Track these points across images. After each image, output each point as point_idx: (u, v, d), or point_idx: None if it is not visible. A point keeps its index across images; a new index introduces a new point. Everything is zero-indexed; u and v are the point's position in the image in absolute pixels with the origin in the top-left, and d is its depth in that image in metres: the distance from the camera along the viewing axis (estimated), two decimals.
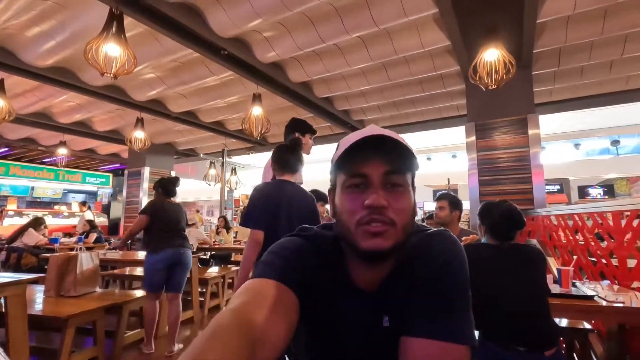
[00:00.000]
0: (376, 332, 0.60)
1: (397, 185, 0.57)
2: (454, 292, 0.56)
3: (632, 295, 1.66)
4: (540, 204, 3.62)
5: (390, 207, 0.55)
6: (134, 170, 7.76)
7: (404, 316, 0.57)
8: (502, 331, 1.29)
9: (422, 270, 0.58)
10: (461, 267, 0.59)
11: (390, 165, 0.56)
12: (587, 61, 3.79)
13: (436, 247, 0.60)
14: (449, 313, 0.54)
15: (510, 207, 1.50)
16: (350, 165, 0.58)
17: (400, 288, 0.60)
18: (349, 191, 0.58)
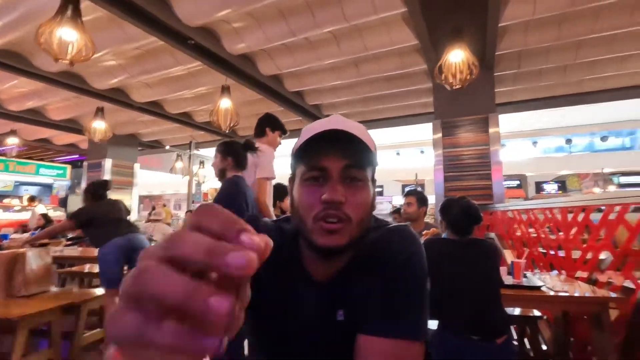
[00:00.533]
0: (329, 325, 0.59)
1: (356, 180, 0.56)
2: (412, 289, 0.57)
3: (576, 285, 1.80)
4: (499, 199, 3.81)
5: (347, 203, 0.54)
6: (94, 162, 7.36)
7: (359, 311, 0.57)
8: (458, 321, 1.36)
9: (380, 266, 0.58)
10: (420, 264, 0.59)
11: (350, 160, 0.55)
12: (545, 64, 4.03)
13: (395, 244, 0.60)
14: (406, 311, 0.56)
15: (468, 204, 1.57)
16: (309, 157, 0.57)
17: (357, 282, 0.59)
18: (307, 184, 0.57)
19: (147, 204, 16.31)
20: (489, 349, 1.29)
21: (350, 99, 5.25)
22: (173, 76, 4.49)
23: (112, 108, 5.36)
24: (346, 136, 0.55)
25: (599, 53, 3.71)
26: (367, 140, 0.58)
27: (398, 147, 13.68)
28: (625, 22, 3.10)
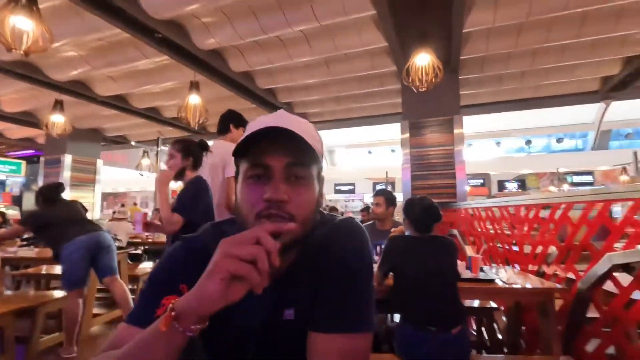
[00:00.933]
0: (278, 325, 0.59)
1: (300, 178, 0.55)
2: (359, 283, 0.60)
3: (527, 277, 1.94)
4: (462, 198, 4.00)
5: (290, 201, 0.53)
6: (52, 158, 6.96)
7: (310, 309, 0.58)
8: (417, 313, 1.44)
9: (328, 263, 0.59)
10: (366, 257, 0.61)
11: (293, 157, 0.54)
12: (505, 70, 4.25)
13: (342, 239, 0.61)
14: (354, 305, 0.58)
15: (429, 203, 1.65)
16: (252, 154, 0.55)
17: (305, 280, 0.59)
18: (250, 182, 0.55)
19: (110, 202, 15.63)
20: (445, 339, 1.38)
21: (322, 97, 5.29)
22: (139, 70, 4.34)
23: (72, 101, 5.10)
24: (290, 133, 0.53)
25: (552, 61, 3.97)
26: (313, 137, 0.57)
27: (370, 146, 13.95)
28: (574, 34, 3.35)
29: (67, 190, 6.85)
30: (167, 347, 0.44)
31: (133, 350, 0.46)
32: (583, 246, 1.67)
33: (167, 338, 0.44)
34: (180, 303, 0.44)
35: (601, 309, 1.51)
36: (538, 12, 2.98)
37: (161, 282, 0.58)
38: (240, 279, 0.43)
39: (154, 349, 0.45)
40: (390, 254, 1.60)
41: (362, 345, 0.57)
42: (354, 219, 0.68)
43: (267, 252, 0.43)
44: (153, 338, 0.45)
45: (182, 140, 2.13)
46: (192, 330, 0.44)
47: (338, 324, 0.56)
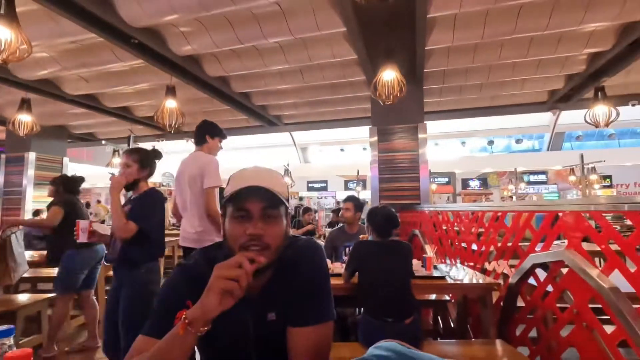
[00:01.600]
0: (262, 326, 0.80)
1: (272, 217, 0.77)
2: (321, 285, 0.85)
3: (473, 273, 2.26)
4: (425, 199, 4.34)
5: (266, 234, 0.75)
6: (15, 156, 6.69)
7: (288, 310, 0.81)
8: (376, 306, 1.69)
9: (296, 275, 0.82)
10: (323, 266, 0.87)
11: (266, 202, 0.76)
12: (464, 82, 4.63)
13: (305, 256, 0.86)
14: (319, 302, 0.83)
15: (389, 212, 1.91)
16: (237, 201, 0.77)
17: (281, 289, 0.82)
18: (235, 221, 0.77)
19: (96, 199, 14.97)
20: (399, 328, 1.64)
21: (296, 101, 5.48)
22: (113, 71, 4.33)
23: (38, 99, 4.97)
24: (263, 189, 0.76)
25: (505, 75, 4.38)
26: (281, 185, 0.81)
27: (342, 144, 14.28)
28: (522, 54, 3.74)
29: (31, 189, 6.64)
30: (184, 345, 0.66)
31: (159, 351, 0.66)
32: (514, 248, 1.99)
33: (184, 339, 0.65)
34: (190, 313, 0.65)
35: (526, 299, 1.84)
36: (491, 35, 3.32)
37: (169, 301, 0.79)
38: (229, 293, 0.64)
39: (175, 348, 0.66)
40: (356, 257, 1.85)
41: (327, 331, 0.82)
42: (311, 239, 0.92)
43: (246, 273, 0.65)
44: (173, 340, 0.66)
45: (138, 150, 2.12)
46: (201, 332, 0.66)
47: (309, 319, 0.81)
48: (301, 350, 0.79)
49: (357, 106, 5.65)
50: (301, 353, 0.78)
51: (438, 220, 3.18)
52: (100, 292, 3.55)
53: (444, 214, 3.10)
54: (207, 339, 0.82)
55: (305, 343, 0.79)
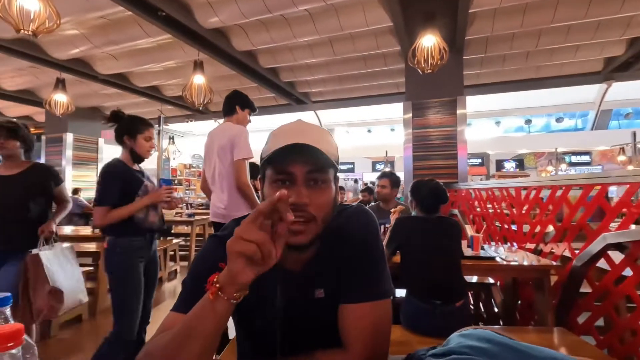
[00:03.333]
0: (308, 305, 0.70)
1: (319, 182, 0.63)
2: (377, 258, 0.71)
3: (524, 255, 2.05)
4: (463, 178, 4.09)
5: (311, 204, 0.61)
6: (54, 137, 6.95)
7: (338, 287, 0.69)
8: (423, 288, 1.55)
9: (347, 246, 0.70)
10: (376, 238, 0.74)
11: (312, 165, 0.62)
12: (509, 50, 4.24)
13: (357, 225, 0.73)
14: (376, 277, 0.70)
15: (436, 185, 1.73)
16: (277, 163, 0.63)
17: (330, 263, 0.70)
18: (275, 186, 0.63)
19: None
20: (449, 311, 1.49)
21: (325, 76, 5.27)
22: (141, 48, 4.30)
23: (72, 79, 5.06)
24: (309, 146, 0.61)
25: (557, 42, 3.96)
26: (329, 144, 0.66)
27: (369, 125, 13.90)
28: (580, 14, 3.33)
29: (70, 169, 6.91)
30: (216, 315, 0.53)
31: (188, 322, 0.55)
32: (580, 226, 1.77)
33: (215, 306, 0.53)
34: (222, 276, 0.53)
35: (594, 284, 1.63)
36: None
37: (201, 274, 0.64)
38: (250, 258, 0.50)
39: (206, 317, 0.54)
40: (398, 234, 1.70)
41: (386, 308, 0.69)
42: (362, 206, 0.78)
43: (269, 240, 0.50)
44: (204, 308, 0.54)
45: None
46: (234, 298, 0.53)
47: (367, 294, 0.68)
48: (357, 330, 0.66)
49: (389, 81, 5.36)
50: (356, 334, 0.66)
51: (481, 199, 2.95)
52: None
53: (488, 191, 2.86)
54: (245, 317, 0.71)
55: (362, 322, 0.66)
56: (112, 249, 1.79)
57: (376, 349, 0.65)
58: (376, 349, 0.65)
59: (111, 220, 1.76)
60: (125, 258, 1.79)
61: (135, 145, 1.91)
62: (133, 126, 1.92)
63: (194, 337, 0.53)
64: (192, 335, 0.53)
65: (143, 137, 1.93)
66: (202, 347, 0.54)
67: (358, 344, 0.64)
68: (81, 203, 6.19)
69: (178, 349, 0.53)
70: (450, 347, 0.49)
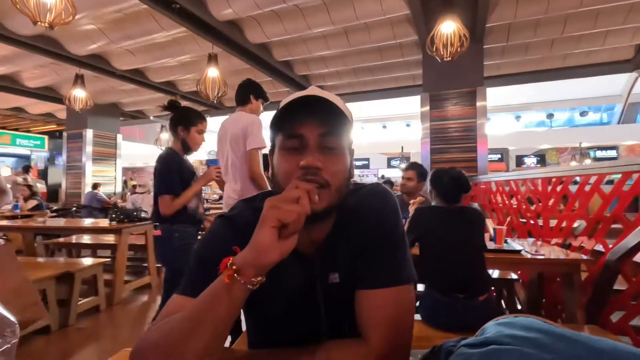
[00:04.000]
0: (323, 290, 0.63)
1: (333, 148, 0.58)
2: (398, 240, 0.64)
3: (551, 249, 1.94)
4: (482, 172, 3.95)
5: (325, 169, 0.56)
6: (74, 133, 7.13)
7: (354, 271, 0.62)
8: (444, 281, 1.47)
9: (367, 226, 0.63)
10: (397, 219, 0.66)
11: (326, 128, 0.57)
12: (532, 38, 4.05)
13: (376, 203, 0.66)
14: (399, 260, 0.62)
15: (458, 174, 1.64)
16: (286, 126, 0.58)
17: (345, 245, 0.63)
18: (285, 152, 0.59)
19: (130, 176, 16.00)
20: (472, 306, 1.41)
21: (339, 69, 5.19)
22: (156, 43, 4.31)
23: (91, 76, 5.15)
24: (322, 105, 0.57)
25: (585, 27, 3.75)
26: (344, 110, 0.60)
27: (384, 120, 13.71)
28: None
29: (90, 165, 7.07)
30: (230, 300, 0.48)
31: (200, 306, 0.49)
32: (615, 218, 1.64)
33: (230, 291, 0.48)
34: (239, 258, 0.48)
35: (630, 280, 1.51)
36: None
37: (210, 256, 0.59)
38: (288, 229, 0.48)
39: (219, 302, 0.48)
40: (418, 225, 1.62)
41: (408, 294, 0.62)
42: (380, 184, 0.71)
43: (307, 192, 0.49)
44: (217, 292, 0.49)
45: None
46: (252, 283, 0.48)
47: (387, 279, 0.61)
48: (375, 319, 0.59)
49: (405, 73, 5.23)
50: (375, 324, 0.59)
51: (503, 192, 2.83)
52: (150, 261, 3.65)
53: (511, 184, 2.74)
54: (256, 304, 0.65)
55: (381, 310, 0.59)
56: (168, 236, 1.87)
57: (397, 340, 0.59)
58: (397, 340, 0.58)
59: (177, 208, 1.85)
60: (183, 244, 1.88)
61: (187, 137, 1.96)
62: (188, 118, 1.97)
63: (205, 324, 0.48)
64: (202, 322, 0.48)
65: (196, 130, 1.98)
66: (213, 334, 0.49)
67: (377, 334, 0.58)
68: (100, 197, 6.32)
69: (186, 335, 0.48)
70: (487, 336, 0.42)
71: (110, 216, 3.33)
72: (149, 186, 5.03)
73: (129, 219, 3.30)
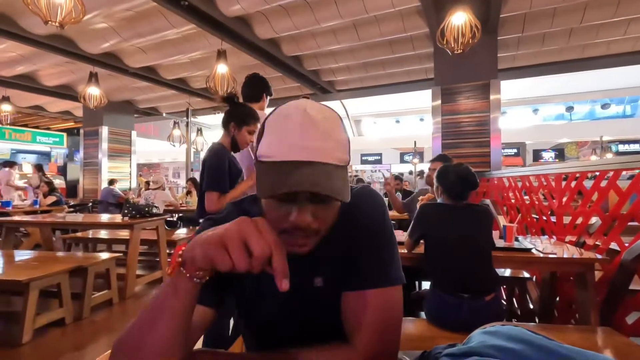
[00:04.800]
0: (307, 293, 0.62)
1: (325, 200, 0.52)
2: (388, 241, 0.62)
3: (565, 248, 1.87)
4: (496, 167, 3.85)
5: (316, 219, 0.52)
6: (91, 130, 7.30)
7: (339, 274, 0.61)
8: (450, 280, 1.43)
9: (351, 229, 0.61)
10: (384, 219, 0.64)
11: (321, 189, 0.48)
12: (549, 28, 3.91)
13: (365, 205, 0.64)
14: (383, 263, 0.61)
15: (466, 171, 1.60)
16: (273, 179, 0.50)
17: (333, 249, 0.61)
18: (272, 202, 0.53)
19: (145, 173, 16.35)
20: (478, 305, 1.38)
21: (350, 63, 5.13)
22: (167, 40, 4.36)
23: (105, 74, 5.24)
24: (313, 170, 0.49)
25: (605, 16, 3.59)
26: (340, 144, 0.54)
27: (397, 115, 13.55)
28: None
29: (106, 161, 7.23)
30: (176, 293, 0.47)
31: (153, 301, 0.50)
32: (632, 215, 1.57)
33: (176, 284, 0.47)
34: (187, 251, 0.46)
35: None
36: None
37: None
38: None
39: (165, 297, 0.48)
40: (422, 222, 1.59)
41: (396, 296, 0.60)
42: (368, 186, 0.69)
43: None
44: (165, 286, 0.49)
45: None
46: (197, 276, 0.46)
47: (374, 280, 0.59)
48: (363, 320, 0.57)
49: (417, 66, 5.13)
50: (362, 326, 0.57)
51: (516, 188, 2.75)
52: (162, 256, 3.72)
53: (524, 179, 2.66)
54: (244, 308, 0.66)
55: (368, 312, 0.57)
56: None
57: (385, 343, 0.57)
58: (385, 343, 0.57)
59: (224, 205, 1.80)
60: None
61: (238, 135, 1.91)
62: (243, 116, 1.92)
63: (159, 319, 0.48)
64: (156, 317, 0.48)
65: (248, 130, 1.92)
66: (169, 329, 0.48)
67: (364, 337, 0.56)
68: (116, 193, 6.46)
69: (144, 332, 0.48)
70: (471, 346, 0.39)
71: (123, 212, 3.40)
72: (162, 182, 5.10)
73: (141, 215, 3.36)
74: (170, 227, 4.83)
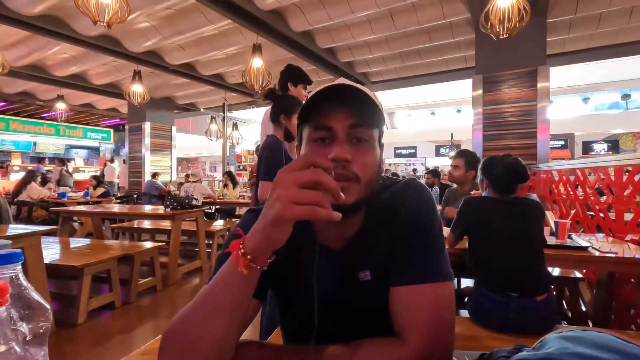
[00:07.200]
0: (353, 288, 0.61)
1: (363, 140, 0.56)
2: (436, 235, 0.59)
3: (625, 247, 1.71)
4: (543, 160, 3.61)
5: (354, 162, 0.54)
6: (135, 126, 7.70)
7: (387, 269, 0.59)
8: (495, 277, 1.35)
9: (396, 223, 0.60)
10: (433, 213, 0.61)
11: (356, 119, 0.54)
12: (607, 7, 3.58)
13: (410, 197, 0.62)
14: (436, 256, 0.58)
15: (515, 161, 1.50)
16: (314, 117, 0.56)
17: (377, 242, 0.60)
18: (313, 145, 0.56)
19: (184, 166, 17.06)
20: (528, 306, 1.29)
21: (385, 54, 5.01)
22: (205, 36, 4.47)
23: (147, 72, 5.48)
24: (352, 95, 0.54)
25: None
26: (375, 98, 0.57)
27: (433, 107, 13.10)
28: None
29: (148, 155, 7.60)
30: (245, 284, 0.48)
31: (214, 290, 0.49)
32: None
33: (245, 277, 0.47)
34: (250, 245, 0.46)
35: None
36: None
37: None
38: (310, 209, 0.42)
39: (234, 286, 0.48)
40: (465, 216, 1.51)
41: (448, 292, 0.57)
42: (415, 179, 0.66)
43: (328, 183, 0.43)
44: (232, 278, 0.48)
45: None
46: (265, 264, 0.47)
47: (425, 274, 0.56)
48: (414, 316, 0.54)
49: (456, 54, 4.91)
50: (414, 322, 0.54)
51: (568, 182, 2.56)
52: (201, 246, 3.85)
53: (580, 173, 2.46)
54: (284, 301, 0.66)
55: (420, 307, 0.55)
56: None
57: (439, 340, 0.54)
58: (439, 339, 0.53)
59: None
60: None
61: (289, 125, 1.92)
62: (289, 106, 1.94)
63: (223, 312, 0.47)
64: (219, 311, 0.48)
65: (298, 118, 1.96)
66: (232, 323, 0.48)
67: (417, 334, 0.53)
68: (158, 186, 6.79)
69: (205, 324, 0.48)
70: (548, 352, 0.35)
71: (165, 203, 3.55)
72: (200, 175, 5.29)
73: (181, 206, 3.50)
74: (208, 219, 5.00)
